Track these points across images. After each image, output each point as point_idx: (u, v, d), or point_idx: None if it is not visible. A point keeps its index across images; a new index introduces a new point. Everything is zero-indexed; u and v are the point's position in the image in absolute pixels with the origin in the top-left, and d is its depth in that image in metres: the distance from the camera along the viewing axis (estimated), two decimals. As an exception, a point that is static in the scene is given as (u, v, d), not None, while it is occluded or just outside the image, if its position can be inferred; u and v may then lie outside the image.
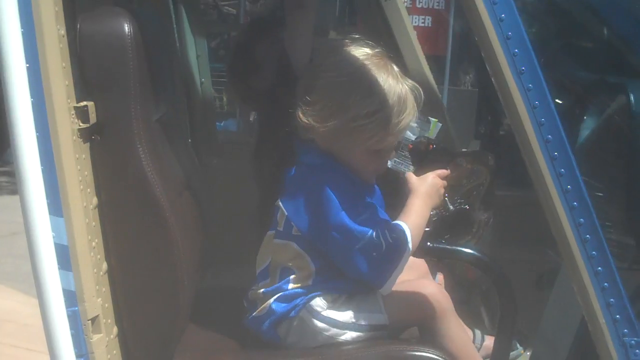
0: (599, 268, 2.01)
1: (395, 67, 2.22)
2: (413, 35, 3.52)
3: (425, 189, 2.27)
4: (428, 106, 3.50)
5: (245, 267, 2.36)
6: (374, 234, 2.12)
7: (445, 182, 2.33)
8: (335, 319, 2.21)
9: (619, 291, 2.03)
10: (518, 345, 2.87)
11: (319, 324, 2.21)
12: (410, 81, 2.24)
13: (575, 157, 1.98)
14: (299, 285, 2.21)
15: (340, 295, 2.24)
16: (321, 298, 2.21)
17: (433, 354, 2.17)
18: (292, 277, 2.22)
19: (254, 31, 2.94)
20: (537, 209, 2.05)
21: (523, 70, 1.92)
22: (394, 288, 2.24)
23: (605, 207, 2.89)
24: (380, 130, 2.15)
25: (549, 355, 2.77)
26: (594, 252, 2.01)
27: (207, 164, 3.51)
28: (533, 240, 2.83)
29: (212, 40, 11.93)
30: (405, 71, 2.30)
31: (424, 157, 2.46)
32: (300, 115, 2.18)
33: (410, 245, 2.15)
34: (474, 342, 2.59)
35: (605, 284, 2.02)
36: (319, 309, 2.21)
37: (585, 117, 3.26)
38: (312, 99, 2.17)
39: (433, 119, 2.46)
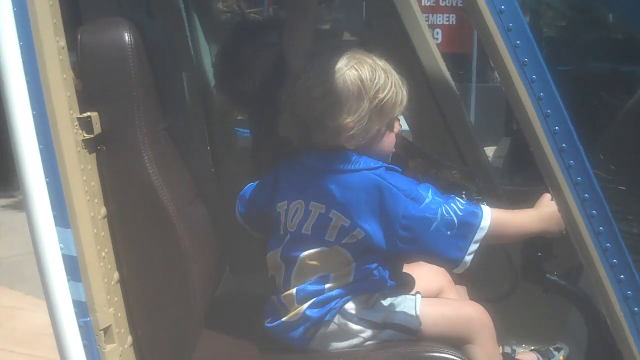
0: (614, 260, 1.97)
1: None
2: (427, 32, 3.49)
3: (550, 210, 2.19)
4: (446, 104, 3.50)
5: (260, 273, 2.35)
6: (444, 209, 2.09)
7: None
8: (370, 320, 2.19)
9: (636, 283, 1.99)
10: (554, 352, 2.85)
11: (355, 327, 2.19)
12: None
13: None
14: (334, 287, 2.18)
15: (372, 295, 2.22)
16: (353, 301, 2.19)
17: (453, 355, 2.15)
18: (329, 283, 2.18)
19: (240, 35, 2.93)
20: None
21: (526, 61, 1.89)
22: (432, 301, 2.25)
23: (628, 199, 2.85)
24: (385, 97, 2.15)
25: (574, 349, 2.73)
26: (608, 244, 1.97)
27: (226, 170, 3.50)
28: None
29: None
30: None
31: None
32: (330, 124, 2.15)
33: (484, 222, 2.11)
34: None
35: (622, 276, 1.98)
36: (353, 311, 2.19)
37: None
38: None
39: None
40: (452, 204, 2.11)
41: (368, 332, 2.20)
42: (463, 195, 2.36)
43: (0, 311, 5.69)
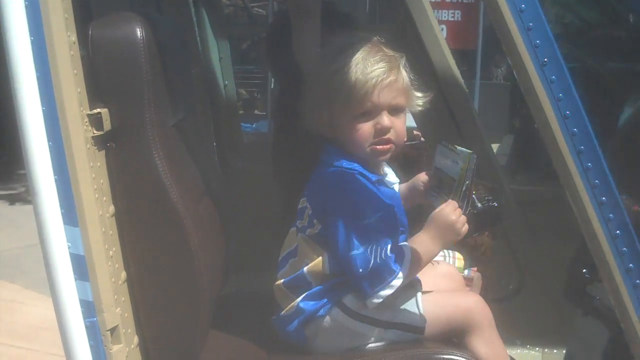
0: (631, 265, 1.94)
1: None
2: (437, 28, 3.45)
3: (437, 225, 2.13)
4: (454, 100, 3.47)
5: (269, 272, 2.32)
6: (368, 249, 2.06)
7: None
8: (373, 317, 2.16)
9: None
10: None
11: (356, 324, 2.16)
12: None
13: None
14: (314, 277, 2.17)
15: None
16: (353, 297, 2.15)
17: (462, 357, 2.12)
18: (304, 271, 2.19)
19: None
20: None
21: (545, 62, 1.86)
22: (432, 296, 2.21)
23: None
24: (351, 87, 2.09)
25: (583, 353, 2.71)
26: (624, 249, 1.94)
27: (232, 166, 3.48)
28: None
29: (243, 42, 11.97)
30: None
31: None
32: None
33: (397, 275, 2.07)
34: None
35: (638, 281, 1.95)
36: (353, 308, 2.16)
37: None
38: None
39: (465, 150, 2.14)
40: (381, 247, 2.08)
41: (372, 331, 2.17)
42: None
43: (0, 305, 5.66)
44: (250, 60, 11.85)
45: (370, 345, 2.18)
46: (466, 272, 2.83)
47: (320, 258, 2.16)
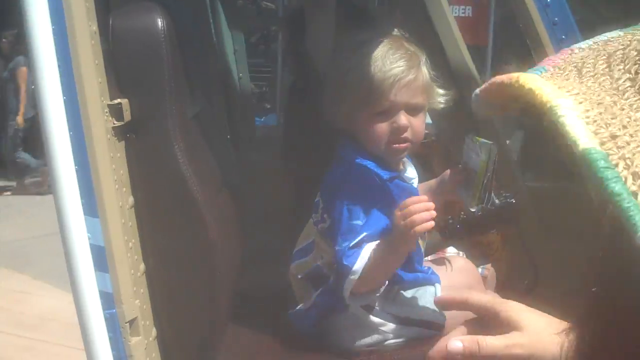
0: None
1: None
2: (454, 24, 3.42)
3: (394, 232, 2.03)
4: (470, 97, 3.44)
5: (281, 265, 2.31)
6: (337, 250, 2.05)
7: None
8: (393, 313, 2.14)
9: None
10: None
11: (375, 319, 2.14)
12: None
13: None
14: (335, 275, 2.13)
15: (390, 289, 2.16)
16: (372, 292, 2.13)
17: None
18: (321, 263, 2.18)
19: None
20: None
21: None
22: (450, 292, 2.18)
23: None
24: (369, 85, 2.06)
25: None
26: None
27: (245, 158, 3.46)
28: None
29: (251, 35, 11.94)
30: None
31: None
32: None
33: (347, 282, 2.04)
34: None
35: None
36: (373, 303, 2.14)
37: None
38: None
39: (486, 141, 2.07)
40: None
41: (390, 326, 2.15)
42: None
43: (9, 295, 5.68)
44: (259, 54, 11.83)
45: (389, 341, 2.16)
46: (480, 269, 2.81)
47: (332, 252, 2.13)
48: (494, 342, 1.19)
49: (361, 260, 2.01)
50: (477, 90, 0.69)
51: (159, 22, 1.95)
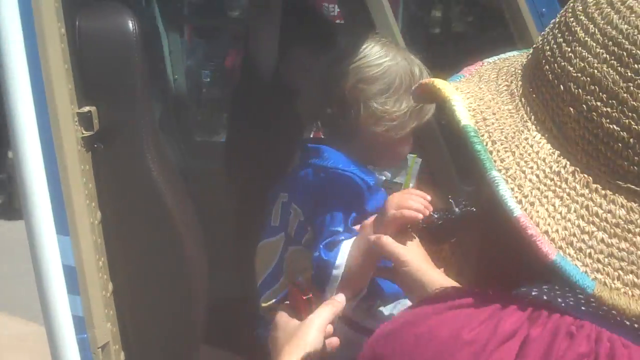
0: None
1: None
2: (392, 20, 3.37)
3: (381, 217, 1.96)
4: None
5: (245, 275, 2.19)
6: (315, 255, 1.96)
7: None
8: (373, 329, 2.05)
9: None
10: None
11: (357, 336, 2.04)
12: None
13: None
14: None
15: (374, 303, 2.07)
16: (356, 307, 2.02)
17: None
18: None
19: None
20: None
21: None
22: None
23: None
24: (388, 117, 1.97)
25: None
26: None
27: (183, 165, 3.33)
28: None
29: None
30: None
31: None
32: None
33: (332, 279, 1.93)
34: None
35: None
36: (356, 318, 2.04)
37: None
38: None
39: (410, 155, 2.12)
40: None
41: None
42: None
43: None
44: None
45: None
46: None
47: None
48: None
49: (342, 254, 1.92)
50: (413, 87, 1.07)
51: (130, 24, 1.81)
